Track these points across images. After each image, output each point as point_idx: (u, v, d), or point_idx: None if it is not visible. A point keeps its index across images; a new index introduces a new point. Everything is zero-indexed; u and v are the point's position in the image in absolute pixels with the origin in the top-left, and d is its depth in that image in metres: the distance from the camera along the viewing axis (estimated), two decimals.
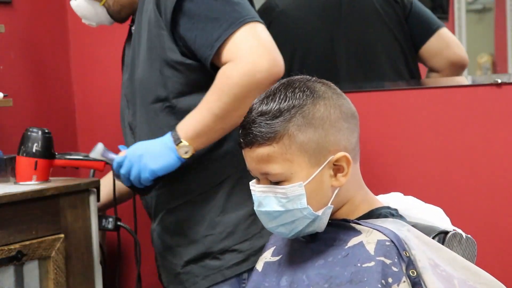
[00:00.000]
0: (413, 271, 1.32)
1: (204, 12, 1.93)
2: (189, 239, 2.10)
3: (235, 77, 1.89)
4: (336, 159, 1.39)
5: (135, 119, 2.16)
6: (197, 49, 1.95)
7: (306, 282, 1.37)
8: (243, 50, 1.90)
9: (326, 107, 1.39)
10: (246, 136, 1.39)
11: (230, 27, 1.90)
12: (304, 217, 1.39)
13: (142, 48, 2.07)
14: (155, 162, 1.98)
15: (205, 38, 1.92)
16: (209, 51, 1.92)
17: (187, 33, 1.95)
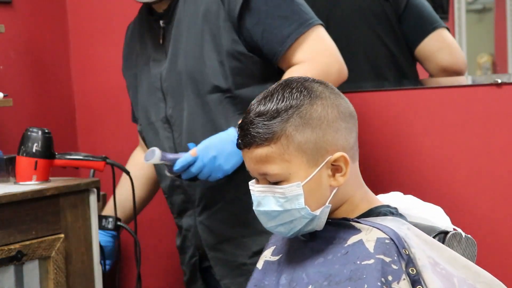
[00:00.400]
0: (412, 269, 1.32)
1: (272, 8, 1.98)
2: (257, 229, 2.04)
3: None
4: (334, 159, 1.39)
5: (178, 111, 2.14)
6: (264, 44, 1.99)
7: (305, 280, 1.38)
8: (315, 51, 1.98)
9: (324, 107, 1.40)
10: (244, 137, 1.39)
11: (300, 27, 1.98)
12: (302, 217, 1.39)
13: (192, 39, 2.07)
14: (228, 162, 1.99)
15: (274, 34, 1.97)
16: (279, 47, 1.98)
17: (254, 27, 1.98)
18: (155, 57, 2.19)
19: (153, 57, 2.20)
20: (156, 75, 2.18)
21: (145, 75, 2.24)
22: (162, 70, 2.16)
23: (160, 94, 2.17)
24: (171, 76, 2.13)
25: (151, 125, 2.25)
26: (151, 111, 2.23)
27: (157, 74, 2.17)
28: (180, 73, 2.10)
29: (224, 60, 2.02)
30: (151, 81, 2.20)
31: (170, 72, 2.13)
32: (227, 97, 2.05)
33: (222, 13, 2.01)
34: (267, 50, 2.01)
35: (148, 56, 2.23)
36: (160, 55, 2.18)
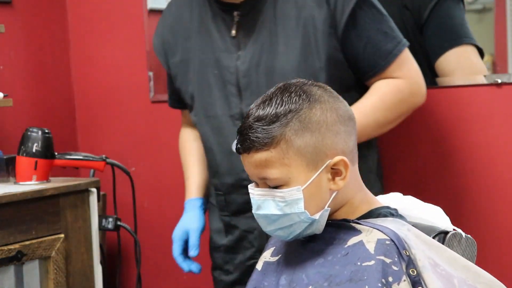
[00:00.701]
0: (413, 270, 1.32)
1: (375, 23, 2.00)
2: None
3: (407, 94, 2.02)
4: (334, 163, 1.39)
5: None
6: (365, 57, 2.00)
7: (305, 281, 1.38)
8: (412, 70, 2.03)
9: (323, 110, 1.39)
10: (244, 142, 1.39)
11: (399, 45, 2.02)
12: (302, 221, 1.39)
13: (290, 40, 2.01)
14: None
15: (377, 48, 2.00)
16: (382, 61, 2.00)
17: (356, 39, 1.99)
18: (224, 48, 2.09)
19: (220, 48, 2.09)
20: (229, 68, 2.07)
21: (207, 65, 2.12)
22: (238, 64, 2.06)
23: (234, 88, 2.07)
24: (257, 73, 2.03)
25: (211, 119, 2.14)
26: (214, 104, 2.12)
27: (229, 67, 2.07)
28: (272, 73, 2.02)
29: (324, 67, 1.99)
30: (220, 73, 2.10)
31: (255, 68, 2.04)
32: None
33: (328, 19, 1.98)
34: (367, 62, 2.02)
35: (212, 46, 2.12)
36: (231, 46, 2.08)
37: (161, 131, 2.96)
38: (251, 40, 2.04)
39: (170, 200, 2.97)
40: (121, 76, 3.03)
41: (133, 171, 2.88)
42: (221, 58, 2.08)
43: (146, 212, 2.96)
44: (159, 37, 2.26)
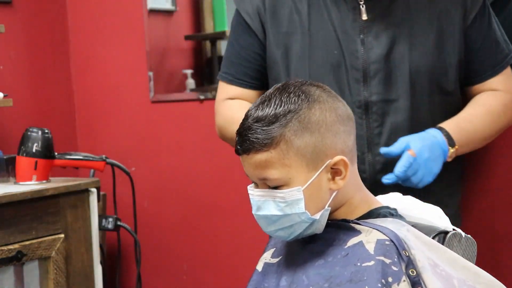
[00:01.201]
0: (412, 270, 1.32)
1: (490, 30, 1.96)
2: None
3: (510, 109, 1.98)
4: (333, 163, 1.39)
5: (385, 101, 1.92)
6: (476, 62, 1.96)
7: (306, 282, 1.38)
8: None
9: (322, 110, 1.39)
10: (243, 143, 1.39)
11: (508, 57, 1.98)
12: (302, 222, 1.39)
13: (428, 33, 1.93)
14: (437, 165, 1.87)
15: (486, 56, 1.96)
16: (490, 70, 1.97)
17: (473, 43, 1.95)
18: (346, 29, 1.93)
19: (342, 28, 1.93)
20: (354, 52, 1.92)
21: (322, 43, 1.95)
22: (365, 49, 1.92)
23: (359, 74, 1.91)
24: (389, 62, 1.91)
25: None
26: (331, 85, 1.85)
27: (354, 51, 1.92)
28: (405, 64, 1.91)
29: (455, 65, 1.94)
30: (341, 55, 1.93)
31: (387, 56, 1.91)
32: (444, 102, 1.97)
33: (462, 17, 1.94)
34: (475, 68, 1.97)
35: (332, 25, 1.94)
36: (355, 29, 1.93)
37: (161, 131, 2.96)
38: (381, 25, 1.92)
39: (170, 200, 2.97)
40: (121, 76, 3.03)
41: (133, 171, 2.88)
42: (343, 39, 1.93)
43: (146, 212, 2.96)
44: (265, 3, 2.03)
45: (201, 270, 2.95)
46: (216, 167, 2.87)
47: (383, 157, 1.87)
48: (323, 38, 1.95)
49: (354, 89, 1.92)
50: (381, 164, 1.89)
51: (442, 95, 1.94)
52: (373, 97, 1.91)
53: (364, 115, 1.92)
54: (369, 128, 1.92)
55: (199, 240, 2.94)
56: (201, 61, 3.38)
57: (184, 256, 2.96)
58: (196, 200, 2.94)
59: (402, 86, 1.91)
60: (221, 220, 2.90)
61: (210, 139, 2.89)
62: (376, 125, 1.92)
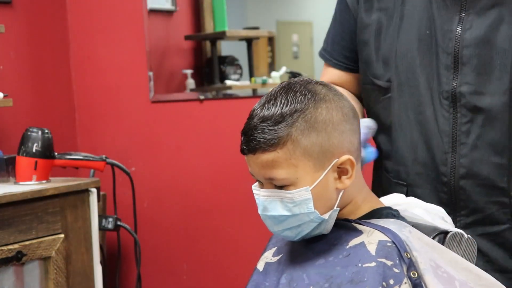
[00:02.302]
0: (414, 272, 1.32)
1: None
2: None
3: None
4: (340, 162, 1.39)
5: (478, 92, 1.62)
6: None
7: (306, 281, 1.37)
8: None
9: (328, 110, 1.39)
10: (249, 143, 1.38)
11: None
12: (311, 221, 1.39)
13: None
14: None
15: None
16: None
17: None
18: (443, 5, 1.65)
19: (438, 4, 1.65)
20: (447, 32, 1.63)
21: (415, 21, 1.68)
22: (462, 29, 1.62)
23: (449, 59, 1.63)
24: (489, 48, 1.60)
25: (410, 89, 1.68)
26: (416, 72, 1.67)
27: (448, 30, 1.63)
28: (505, 50, 1.59)
29: None
30: (433, 35, 1.66)
31: (487, 40, 1.61)
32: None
33: None
34: None
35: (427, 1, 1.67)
36: (451, 5, 1.64)
37: (161, 131, 2.96)
38: (482, 2, 1.61)
39: (170, 200, 2.97)
40: (121, 76, 3.03)
41: (133, 171, 2.88)
42: (437, 17, 1.65)
43: (146, 212, 2.96)
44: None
45: (201, 270, 2.95)
46: (216, 167, 2.88)
47: (470, 159, 1.61)
48: (417, 16, 1.67)
49: (442, 77, 1.63)
50: (465, 168, 1.61)
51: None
52: (463, 87, 1.61)
53: (451, 108, 1.63)
54: (456, 124, 1.63)
55: (199, 240, 2.94)
56: (201, 61, 3.39)
57: (184, 256, 2.96)
58: (196, 200, 2.94)
59: (502, 78, 1.59)
60: (221, 220, 2.90)
61: (210, 139, 2.89)
62: (465, 121, 1.62)
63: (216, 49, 3.36)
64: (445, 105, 1.63)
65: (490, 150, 1.60)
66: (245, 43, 3.53)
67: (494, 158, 1.57)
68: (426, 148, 1.64)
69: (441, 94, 1.63)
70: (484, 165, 1.59)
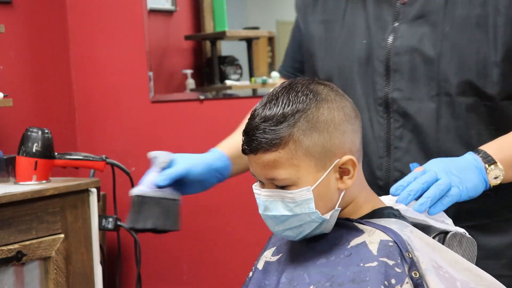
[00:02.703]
0: (415, 272, 1.32)
1: None
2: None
3: None
4: (342, 162, 1.39)
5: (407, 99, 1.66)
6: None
7: (307, 280, 1.37)
8: None
9: (330, 110, 1.39)
10: (251, 143, 1.38)
11: None
12: (312, 221, 1.39)
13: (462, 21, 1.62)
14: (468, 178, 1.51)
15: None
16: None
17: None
18: (378, 16, 1.70)
19: (374, 14, 1.70)
20: (378, 41, 1.68)
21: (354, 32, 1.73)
22: (392, 38, 1.68)
23: (382, 67, 1.68)
24: (413, 55, 1.65)
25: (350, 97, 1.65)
26: (354, 80, 1.73)
27: (379, 40, 1.68)
28: (431, 57, 1.63)
29: (499, 61, 1.59)
30: (368, 44, 1.71)
31: (412, 48, 1.65)
32: (485, 106, 1.62)
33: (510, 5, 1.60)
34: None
35: (364, 10, 1.73)
36: (385, 16, 1.69)
37: (161, 131, 2.96)
38: (412, 12, 1.66)
39: None
40: (121, 76, 3.03)
41: (133, 171, 2.88)
42: (372, 28, 1.70)
43: None
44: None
45: (201, 270, 2.95)
46: None
47: (403, 163, 1.63)
48: (355, 27, 1.72)
49: (377, 84, 1.68)
50: (399, 171, 1.64)
51: (480, 99, 1.63)
52: (394, 93, 1.66)
53: (385, 114, 1.68)
54: (389, 129, 1.69)
55: (199, 240, 2.94)
56: (201, 61, 3.39)
57: (184, 256, 2.96)
58: (196, 200, 2.93)
59: (429, 85, 1.64)
60: (221, 220, 2.90)
61: (210, 139, 2.89)
62: (397, 126, 1.67)
63: (216, 49, 3.36)
64: (380, 111, 1.68)
65: (421, 153, 1.63)
66: (245, 43, 3.53)
67: (424, 161, 1.55)
68: (363, 154, 1.59)
69: (376, 100, 1.68)
70: None
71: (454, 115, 1.63)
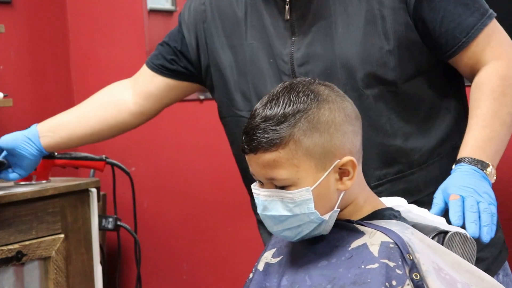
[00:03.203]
0: (416, 274, 1.32)
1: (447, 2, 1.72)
2: None
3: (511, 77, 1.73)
4: (342, 163, 1.39)
5: None
6: (442, 33, 1.72)
7: (308, 283, 1.37)
8: (504, 46, 1.75)
9: (331, 110, 1.39)
10: (251, 142, 1.38)
11: (483, 17, 1.72)
12: (311, 222, 1.39)
13: (350, 20, 1.74)
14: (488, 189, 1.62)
15: (456, 23, 1.71)
16: (463, 38, 1.71)
17: (431, 13, 1.71)
18: (277, 33, 1.80)
19: (272, 33, 1.81)
20: (282, 56, 1.78)
21: (259, 53, 1.83)
22: (293, 51, 1.78)
23: (289, 79, 1.73)
24: (314, 62, 1.76)
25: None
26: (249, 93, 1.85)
27: (283, 54, 1.78)
28: (331, 59, 1.75)
29: (393, 49, 1.72)
30: (274, 61, 1.81)
31: (311, 56, 1.76)
32: (390, 92, 1.75)
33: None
34: (445, 40, 1.72)
35: (265, 32, 1.83)
36: (284, 31, 1.79)
37: (161, 131, 2.96)
38: (306, 22, 1.77)
39: (170, 200, 2.97)
40: (121, 76, 3.02)
41: (133, 171, 2.88)
42: (274, 45, 1.80)
43: (146, 212, 2.96)
44: (191, 12, 1.95)
45: (201, 270, 2.95)
46: (216, 167, 2.88)
47: None
48: (260, 48, 1.83)
49: None
50: None
51: (384, 87, 1.74)
52: None
53: None
54: None
55: (199, 240, 2.94)
56: None
57: (184, 256, 2.97)
58: (196, 200, 2.94)
59: (344, 83, 1.73)
60: (221, 220, 2.90)
61: (210, 139, 2.89)
62: None
63: None
64: None
65: None
66: None
67: None
68: None
69: None
70: None
71: (363, 107, 1.70)
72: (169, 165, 2.95)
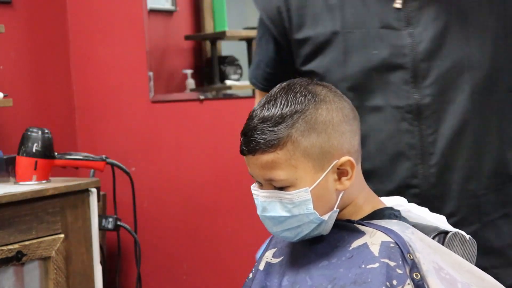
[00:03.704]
0: (417, 274, 1.31)
1: None
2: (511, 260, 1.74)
3: None
4: (340, 163, 1.39)
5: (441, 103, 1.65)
6: None
7: (309, 283, 1.37)
8: None
9: (329, 111, 1.39)
10: (249, 144, 1.38)
11: None
12: (310, 222, 1.39)
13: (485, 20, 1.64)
14: None
15: None
16: None
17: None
18: (388, 22, 1.66)
19: (383, 21, 1.67)
20: (400, 48, 1.65)
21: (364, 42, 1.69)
22: (413, 43, 1.65)
23: (408, 74, 1.65)
24: (442, 58, 1.64)
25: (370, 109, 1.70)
26: (374, 91, 1.69)
27: (401, 46, 1.65)
28: (461, 59, 1.64)
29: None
30: (384, 53, 1.67)
31: (439, 51, 1.64)
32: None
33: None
34: None
35: (371, 18, 1.68)
36: (396, 21, 1.66)
37: (161, 131, 2.96)
38: (426, 14, 1.64)
39: (170, 200, 2.97)
40: (121, 76, 3.03)
41: (133, 171, 2.88)
42: (385, 35, 1.66)
43: (146, 212, 2.96)
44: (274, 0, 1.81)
45: (201, 270, 2.95)
46: (216, 167, 2.88)
47: (438, 168, 1.64)
48: (360, 38, 1.68)
49: (402, 92, 1.65)
50: (435, 177, 1.64)
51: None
52: (425, 99, 1.64)
53: (416, 121, 1.66)
54: (422, 136, 1.66)
55: (199, 240, 2.94)
56: (201, 61, 3.39)
57: (184, 256, 2.97)
58: (196, 200, 2.94)
59: (460, 86, 1.64)
60: (221, 220, 2.90)
61: (210, 139, 2.89)
62: (430, 132, 1.65)
63: (216, 49, 3.36)
64: (409, 119, 1.66)
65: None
66: (245, 43, 3.52)
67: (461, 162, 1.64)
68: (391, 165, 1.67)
69: (403, 109, 1.65)
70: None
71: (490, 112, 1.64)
72: (169, 165, 2.95)
